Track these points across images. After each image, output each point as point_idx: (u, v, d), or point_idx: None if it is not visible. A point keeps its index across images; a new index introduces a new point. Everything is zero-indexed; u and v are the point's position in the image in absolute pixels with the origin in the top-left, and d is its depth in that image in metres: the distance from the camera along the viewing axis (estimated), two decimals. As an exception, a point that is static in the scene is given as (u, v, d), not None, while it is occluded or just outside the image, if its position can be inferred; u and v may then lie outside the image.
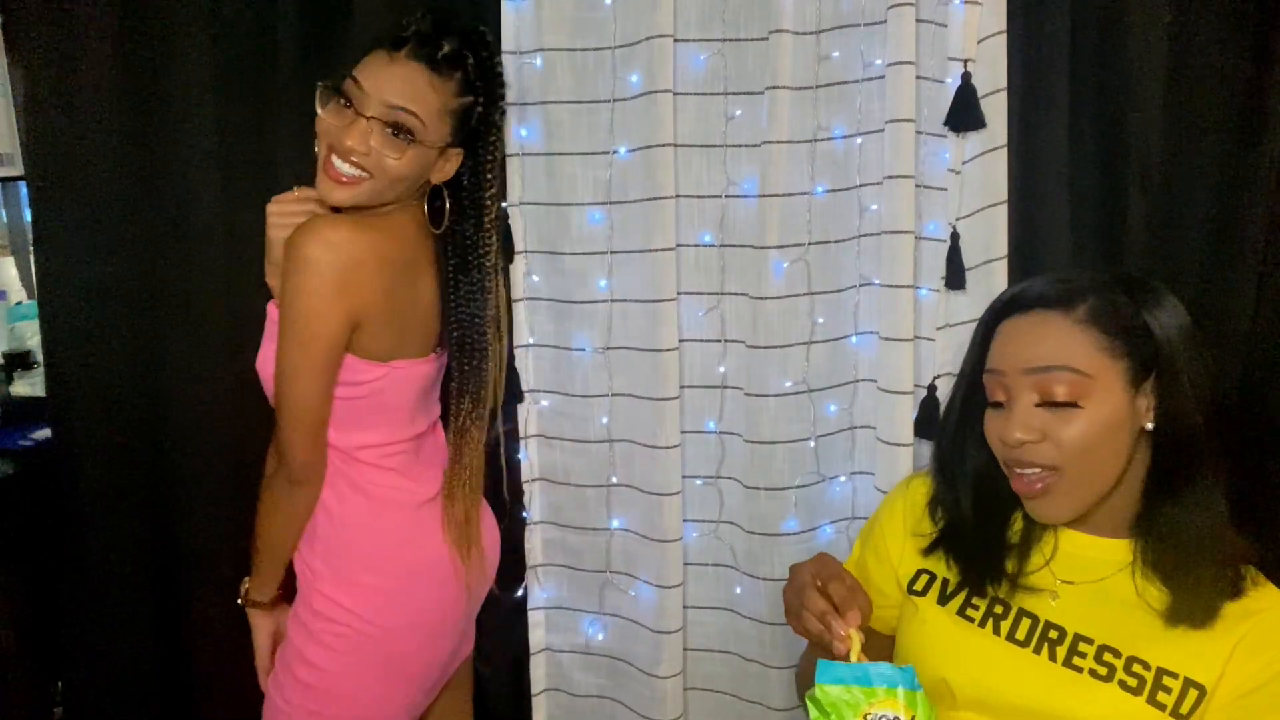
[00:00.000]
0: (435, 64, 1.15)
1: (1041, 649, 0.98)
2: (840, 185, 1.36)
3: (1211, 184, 1.27)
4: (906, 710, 0.88)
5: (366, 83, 1.13)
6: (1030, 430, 0.93)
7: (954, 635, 1.02)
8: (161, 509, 1.56)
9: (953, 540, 1.06)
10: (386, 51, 1.15)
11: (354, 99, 1.14)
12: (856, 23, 1.31)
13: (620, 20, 1.33)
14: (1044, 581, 1.01)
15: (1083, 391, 0.92)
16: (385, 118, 1.13)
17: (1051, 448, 0.93)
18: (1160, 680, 0.92)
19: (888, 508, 1.16)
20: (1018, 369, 0.95)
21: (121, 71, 1.44)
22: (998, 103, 1.25)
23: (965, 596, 1.04)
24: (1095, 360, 0.93)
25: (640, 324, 1.39)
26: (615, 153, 1.37)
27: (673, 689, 1.48)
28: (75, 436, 1.54)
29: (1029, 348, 0.95)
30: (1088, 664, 0.95)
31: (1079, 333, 0.93)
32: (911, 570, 1.10)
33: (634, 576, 1.48)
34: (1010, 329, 0.98)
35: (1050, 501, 0.96)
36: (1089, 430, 0.92)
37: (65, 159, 1.46)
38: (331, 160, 1.14)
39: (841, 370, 1.42)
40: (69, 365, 1.52)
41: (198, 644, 1.60)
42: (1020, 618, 1.00)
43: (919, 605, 1.07)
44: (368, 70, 1.14)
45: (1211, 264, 1.28)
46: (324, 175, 1.15)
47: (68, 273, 1.49)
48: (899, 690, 0.89)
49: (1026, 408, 0.95)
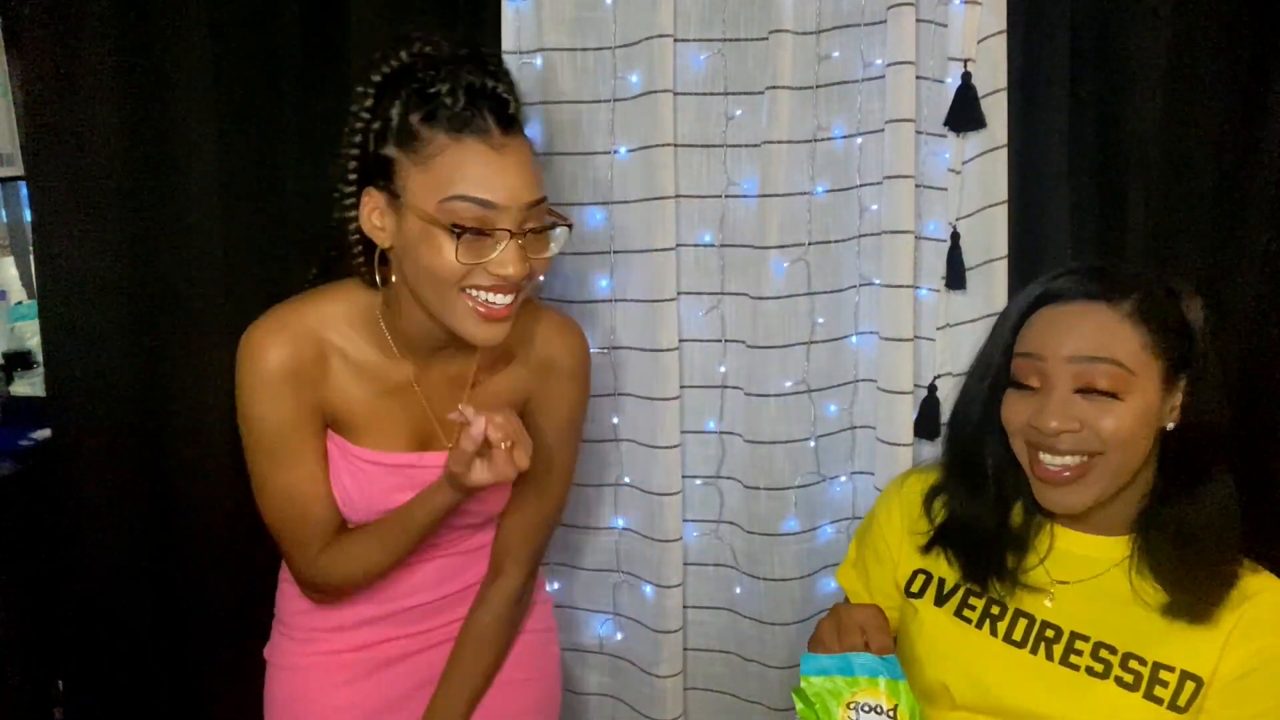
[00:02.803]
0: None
1: (1038, 649, 0.98)
2: (840, 185, 1.36)
3: (1211, 184, 1.27)
4: (888, 699, 0.89)
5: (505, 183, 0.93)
6: (1069, 419, 0.93)
7: (952, 637, 1.02)
8: (161, 509, 1.56)
9: (953, 535, 1.06)
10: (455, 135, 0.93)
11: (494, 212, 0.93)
12: (856, 23, 1.31)
13: (620, 20, 1.33)
14: (1039, 580, 1.01)
15: (1124, 385, 0.92)
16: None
17: (1091, 436, 0.93)
18: (1157, 675, 0.93)
19: (884, 507, 1.16)
20: (1060, 356, 0.94)
21: (121, 71, 1.44)
22: (998, 103, 1.25)
23: (962, 597, 1.04)
24: (1139, 357, 0.93)
25: (640, 324, 1.39)
26: (615, 153, 1.37)
27: (673, 688, 1.48)
28: (75, 436, 1.54)
29: (1075, 337, 0.94)
30: (1084, 661, 0.95)
31: (1126, 327, 0.93)
32: (908, 571, 1.09)
33: (635, 576, 1.48)
34: (1054, 316, 0.96)
35: (1071, 491, 0.95)
36: (1123, 424, 0.92)
37: (65, 159, 1.46)
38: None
39: (841, 370, 1.42)
40: (69, 365, 1.52)
41: (198, 644, 1.60)
42: (1017, 618, 1.00)
43: (917, 608, 1.06)
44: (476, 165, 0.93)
45: (1211, 264, 1.29)
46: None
47: (68, 273, 1.49)
48: (880, 679, 0.90)
49: (1065, 395, 0.94)
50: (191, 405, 1.52)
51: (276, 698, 1.22)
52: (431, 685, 1.18)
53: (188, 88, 1.44)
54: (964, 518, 1.05)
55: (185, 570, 1.57)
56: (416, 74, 0.94)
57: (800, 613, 1.45)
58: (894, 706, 0.89)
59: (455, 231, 0.91)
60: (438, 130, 0.92)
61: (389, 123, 0.94)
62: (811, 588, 1.45)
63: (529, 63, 1.36)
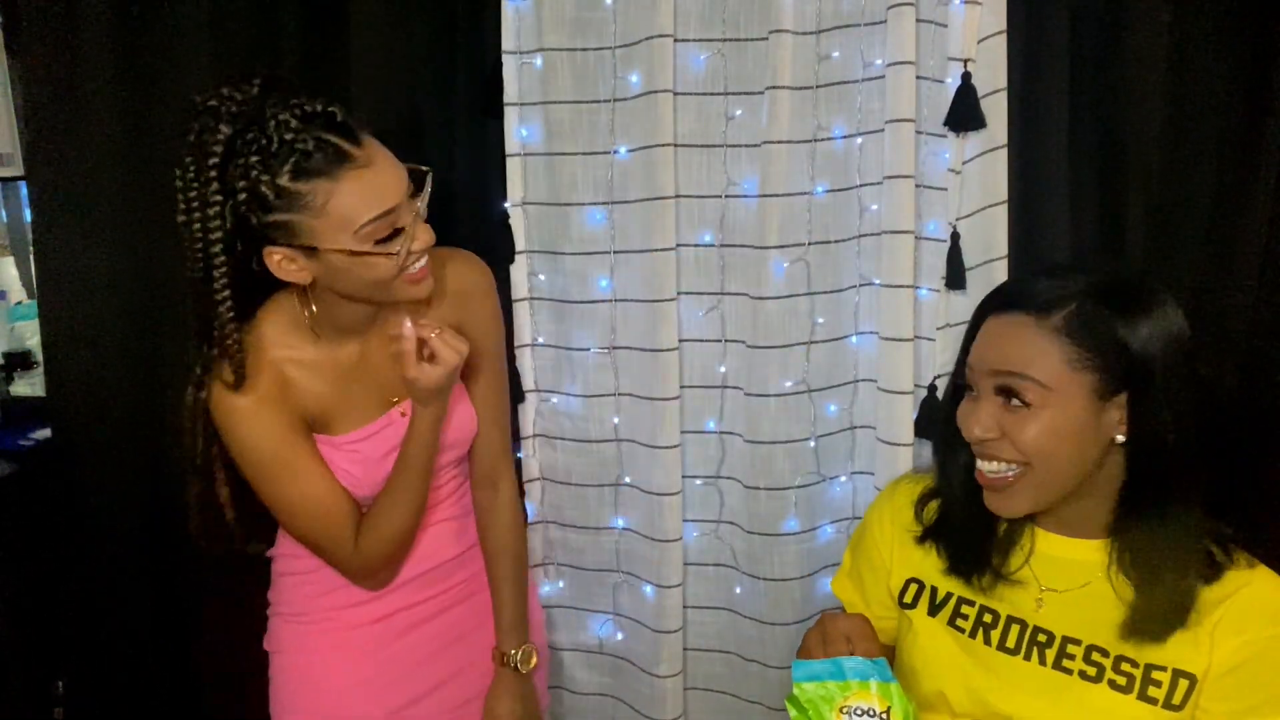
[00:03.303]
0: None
1: (1031, 654, 0.98)
2: (840, 185, 1.36)
3: (1211, 184, 1.27)
4: (881, 701, 0.89)
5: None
6: (989, 428, 0.95)
7: (947, 647, 1.03)
8: (161, 509, 1.56)
9: (942, 529, 1.07)
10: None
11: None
12: (856, 23, 1.31)
13: (620, 20, 1.33)
14: (1026, 581, 1.01)
15: (1039, 399, 0.93)
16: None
17: (1010, 446, 0.94)
18: (1149, 675, 0.93)
19: (876, 515, 1.16)
20: (985, 367, 0.96)
21: (121, 72, 1.44)
22: (998, 103, 1.25)
23: (954, 606, 1.04)
24: (1057, 372, 0.92)
25: (640, 324, 1.39)
26: (615, 153, 1.37)
27: (673, 688, 1.48)
28: (75, 436, 1.54)
29: (997, 349, 0.96)
30: (1077, 665, 0.96)
31: (1046, 342, 0.93)
32: (901, 580, 1.09)
33: (635, 576, 1.48)
34: (989, 326, 0.98)
35: (1006, 497, 0.97)
36: (1043, 434, 0.92)
37: (65, 159, 1.46)
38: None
39: (841, 370, 1.42)
40: (69, 365, 1.52)
41: (198, 643, 1.60)
42: (1009, 624, 1.01)
43: (911, 618, 1.07)
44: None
45: (1211, 264, 1.28)
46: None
47: (68, 273, 1.49)
48: (872, 682, 0.90)
49: (988, 405, 0.96)
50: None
51: (288, 685, 1.23)
52: (450, 646, 1.26)
53: (188, 89, 1.44)
54: (952, 516, 1.06)
55: (185, 570, 1.57)
56: (248, 139, 0.93)
57: (800, 613, 1.45)
58: (886, 709, 0.89)
59: (378, 244, 0.98)
60: (312, 180, 0.94)
61: (255, 194, 0.94)
62: (811, 588, 1.45)
63: (529, 63, 1.36)
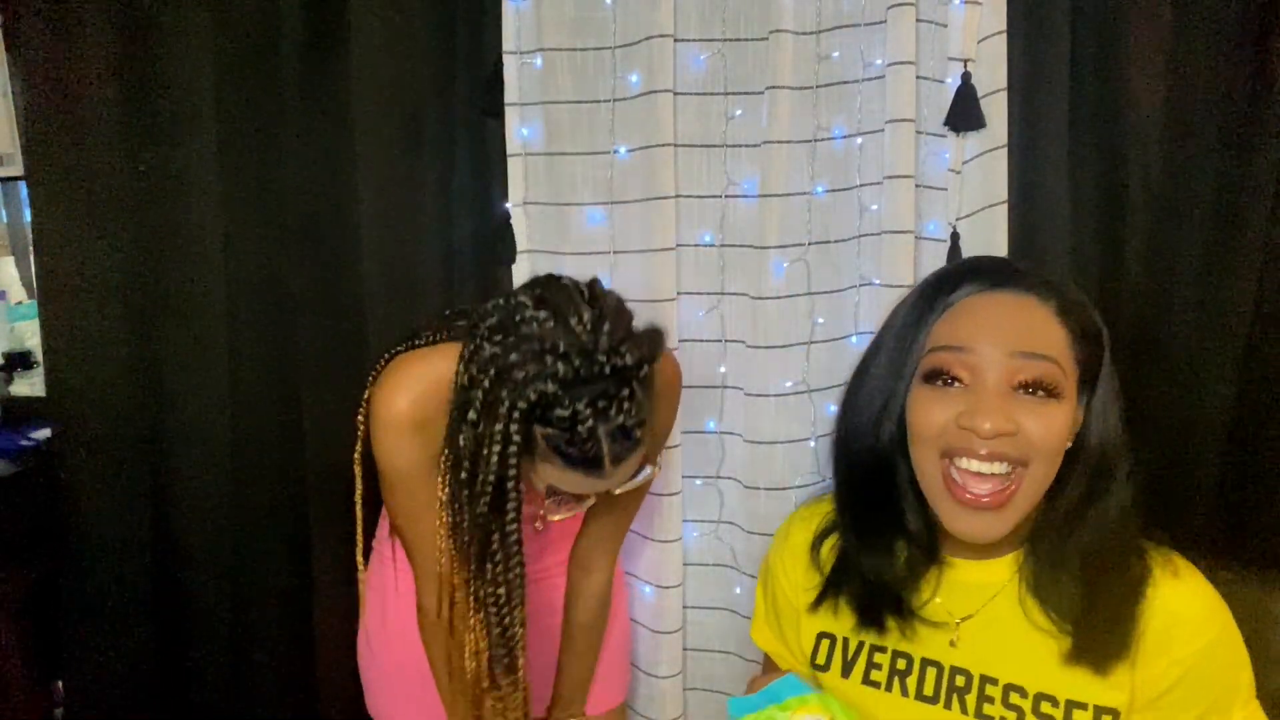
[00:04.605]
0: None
1: (951, 701, 0.91)
2: (840, 185, 1.36)
3: (1211, 184, 1.27)
4: (824, 711, 0.89)
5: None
6: (1008, 419, 0.83)
7: (865, 709, 0.94)
8: (161, 509, 1.56)
9: (844, 578, 0.97)
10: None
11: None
12: (856, 23, 1.31)
13: (620, 20, 1.33)
14: (939, 617, 0.94)
15: (1061, 387, 0.83)
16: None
17: (1023, 440, 0.83)
18: (1070, 715, 0.86)
19: (778, 558, 1.06)
20: (1000, 348, 0.83)
21: (121, 72, 1.44)
22: (998, 103, 1.25)
23: (867, 657, 0.96)
24: (1068, 360, 0.85)
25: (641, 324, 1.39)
26: (615, 153, 1.37)
27: (672, 689, 1.48)
28: (75, 436, 1.54)
29: (1014, 328, 0.84)
30: (998, 711, 0.89)
31: (1055, 326, 0.85)
32: (811, 636, 1.01)
33: (635, 576, 1.48)
34: (982, 304, 0.86)
35: (996, 516, 0.86)
36: (1053, 430, 0.83)
37: (65, 159, 1.46)
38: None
39: (841, 370, 1.41)
40: (69, 365, 1.52)
41: (197, 643, 1.60)
42: (925, 669, 0.93)
43: (824, 682, 0.99)
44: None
45: (1211, 264, 1.28)
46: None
47: (68, 273, 1.49)
48: (810, 696, 0.90)
49: (1003, 393, 0.83)
50: (191, 405, 1.52)
51: (395, 626, 1.19)
52: (534, 618, 1.18)
53: (188, 88, 1.44)
54: (856, 557, 0.96)
55: (185, 570, 1.57)
56: (558, 411, 0.90)
57: (800, 613, 1.45)
58: (832, 718, 0.89)
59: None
60: (558, 460, 0.93)
61: (528, 437, 0.92)
62: (811, 588, 1.45)
63: (529, 63, 1.36)
